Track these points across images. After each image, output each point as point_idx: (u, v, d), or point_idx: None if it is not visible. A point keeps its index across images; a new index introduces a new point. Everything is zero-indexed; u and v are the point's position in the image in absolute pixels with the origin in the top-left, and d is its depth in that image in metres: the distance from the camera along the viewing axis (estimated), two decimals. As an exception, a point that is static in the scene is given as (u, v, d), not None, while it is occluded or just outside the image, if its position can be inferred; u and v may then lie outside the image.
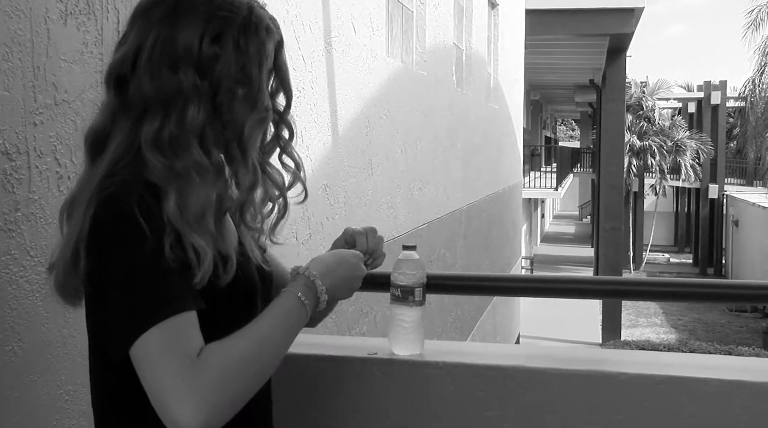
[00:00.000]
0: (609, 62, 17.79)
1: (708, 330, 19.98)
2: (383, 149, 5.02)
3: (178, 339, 1.02)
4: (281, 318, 1.14)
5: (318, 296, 1.20)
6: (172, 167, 1.10)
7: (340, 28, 4.07)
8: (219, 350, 1.04)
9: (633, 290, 2.11)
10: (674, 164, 28.26)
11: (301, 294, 1.17)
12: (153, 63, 1.12)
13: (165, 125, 1.11)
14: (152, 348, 1.01)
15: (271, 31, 1.20)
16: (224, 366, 1.03)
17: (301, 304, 1.17)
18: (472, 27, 9.12)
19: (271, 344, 1.11)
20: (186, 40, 1.12)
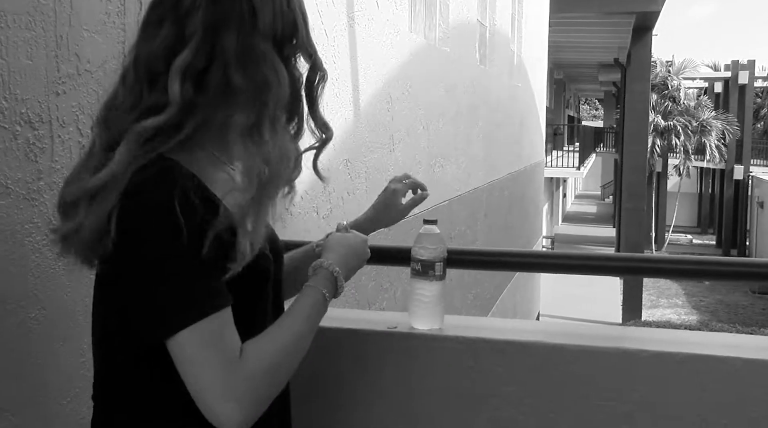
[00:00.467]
0: (634, 41, 17.56)
1: (730, 312, 19.84)
2: (405, 125, 4.99)
3: (218, 337, 1.04)
4: (309, 315, 1.17)
5: (337, 288, 1.24)
6: (266, 157, 1.08)
7: (362, 2, 4.04)
8: (256, 349, 1.08)
9: (654, 267, 2.09)
10: (699, 145, 27.92)
11: (325, 291, 1.21)
12: (246, 46, 1.08)
13: (264, 112, 1.09)
14: (193, 347, 1.03)
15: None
16: (263, 365, 1.07)
17: (325, 299, 1.20)
18: (496, 4, 9.02)
19: (301, 340, 1.15)
20: (269, 13, 1.10)
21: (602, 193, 43.50)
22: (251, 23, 1.09)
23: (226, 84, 1.08)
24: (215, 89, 1.09)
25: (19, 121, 1.52)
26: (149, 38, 1.11)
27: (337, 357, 1.71)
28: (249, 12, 1.09)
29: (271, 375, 1.08)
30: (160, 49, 1.09)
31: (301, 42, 1.15)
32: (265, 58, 1.09)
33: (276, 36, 1.11)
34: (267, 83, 1.08)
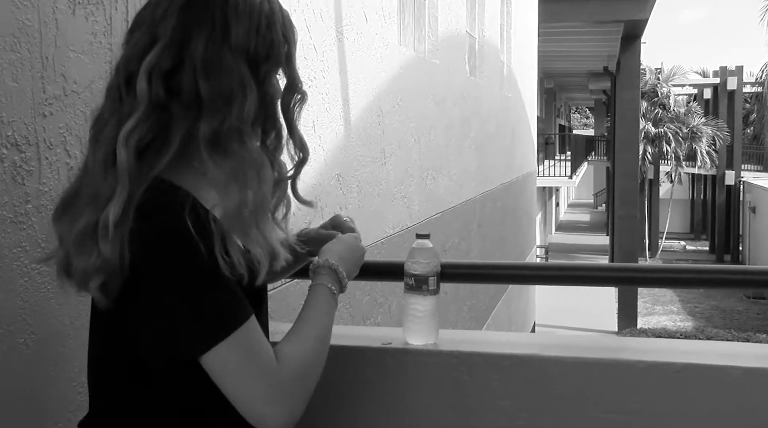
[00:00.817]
0: (623, 49, 17.64)
1: (725, 318, 19.85)
2: (396, 138, 4.99)
3: (253, 344, 1.09)
4: (324, 311, 1.24)
5: (341, 282, 1.29)
6: (232, 166, 1.11)
7: (351, 16, 4.04)
8: (290, 350, 1.14)
9: (649, 277, 2.08)
10: (690, 151, 28.02)
11: (331, 286, 1.27)
12: (212, 55, 1.11)
13: (226, 120, 1.10)
14: (232, 358, 1.07)
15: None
16: (299, 364, 1.14)
17: (333, 294, 1.27)
18: (484, 15, 9.06)
19: (326, 335, 1.22)
20: (243, 31, 1.13)
21: (595, 201, 43.58)
22: (222, 35, 1.12)
23: (196, 91, 1.11)
24: (187, 95, 1.11)
25: (5, 143, 1.50)
26: (128, 44, 1.16)
27: (331, 373, 1.69)
28: (221, 24, 1.12)
29: (308, 372, 1.15)
30: (134, 52, 1.13)
31: (275, 62, 1.18)
32: (231, 71, 1.11)
33: (249, 52, 1.14)
34: (230, 94, 1.11)
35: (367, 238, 4.32)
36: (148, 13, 1.15)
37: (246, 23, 1.13)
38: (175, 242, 1.06)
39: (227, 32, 1.12)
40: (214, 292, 1.07)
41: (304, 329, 1.20)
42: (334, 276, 1.28)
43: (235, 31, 1.12)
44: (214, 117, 1.10)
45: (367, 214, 4.30)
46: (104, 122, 1.14)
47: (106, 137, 1.12)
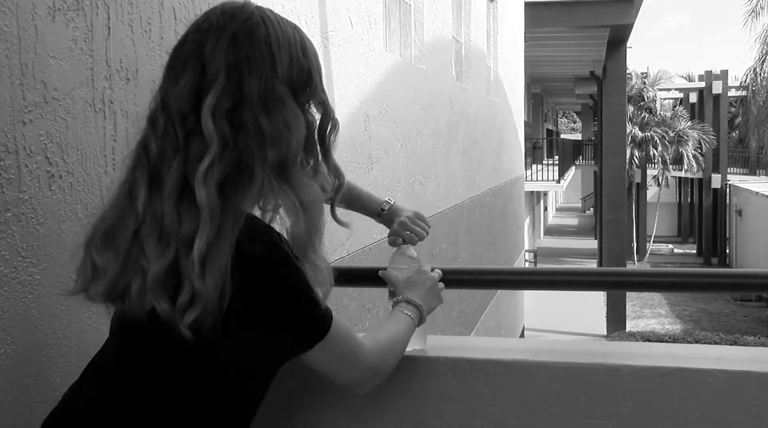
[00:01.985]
0: (609, 54, 17.72)
1: (713, 320, 19.94)
2: (383, 144, 4.98)
3: (347, 333, 1.30)
4: (401, 326, 1.47)
5: (421, 313, 1.53)
6: (298, 194, 1.19)
7: (336, 21, 4.03)
8: (375, 338, 1.39)
9: (637, 281, 2.08)
10: (676, 155, 28.18)
11: (408, 312, 1.50)
12: (268, 89, 1.16)
13: (289, 151, 1.18)
14: (341, 340, 1.28)
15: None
16: (382, 348, 1.39)
17: (410, 319, 1.49)
18: (471, 20, 9.08)
19: (401, 340, 1.45)
20: (287, 61, 1.18)
21: (583, 205, 43.73)
22: (271, 67, 1.16)
23: (258, 125, 1.16)
24: (251, 129, 1.16)
25: (-14, 151, 1.48)
26: (173, 81, 1.18)
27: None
28: (269, 57, 1.17)
29: (388, 353, 1.40)
30: (185, 91, 1.17)
31: (314, 90, 1.24)
32: (284, 102, 1.17)
33: (292, 82, 1.19)
34: (288, 125, 1.17)
35: (354, 244, 4.31)
36: (191, 50, 1.18)
37: (287, 55, 1.18)
38: (284, 262, 1.17)
39: (275, 65, 1.17)
40: (316, 298, 1.23)
41: (385, 329, 1.45)
42: (414, 310, 1.51)
43: (280, 62, 1.17)
44: (278, 148, 1.16)
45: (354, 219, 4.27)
46: (161, 158, 1.17)
47: (173, 175, 1.15)
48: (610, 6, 15.18)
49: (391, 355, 1.41)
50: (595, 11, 15.20)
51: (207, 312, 1.11)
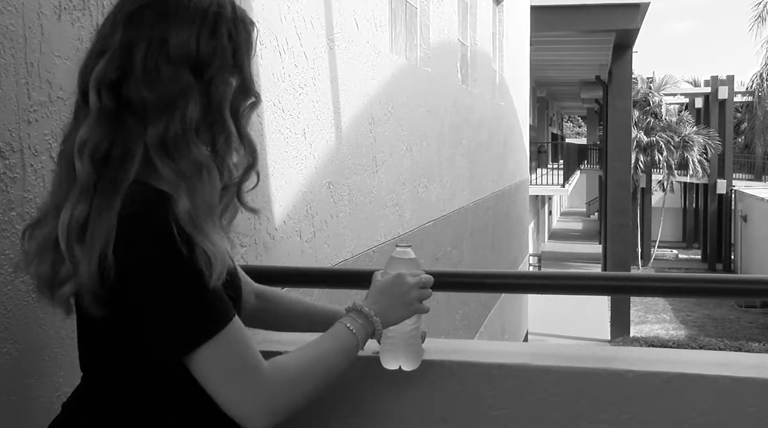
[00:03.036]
0: (615, 58, 17.71)
1: (717, 326, 19.88)
2: (388, 146, 4.98)
3: (237, 347, 1.12)
4: (335, 345, 1.27)
5: (373, 325, 1.33)
6: (180, 170, 1.12)
7: (342, 24, 4.03)
8: (285, 362, 1.18)
9: (641, 286, 2.07)
10: (682, 160, 28.12)
11: (349, 325, 1.29)
12: (151, 66, 1.13)
13: (170, 127, 1.13)
14: (215, 360, 1.11)
15: (253, 24, 1.27)
16: (289, 377, 1.16)
17: (350, 332, 1.29)
18: (476, 23, 9.07)
19: (325, 364, 1.24)
20: (183, 39, 1.14)
21: (587, 209, 43.66)
22: (159, 45, 1.14)
23: (140, 99, 1.14)
24: (135, 105, 1.14)
25: (-10, 150, 1.48)
26: (85, 57, 1.21)
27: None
28: (159, 34, 1.14)
29: (297, 386, 1.17)
30: (86, 64, 1.18)
31: (220, 67, 1.18)
32: (171, 79, 1.13)
33: (191, 59, 1.15)
34: (171, 102, 1.13)
35: (358, 247, 4.31)
36: (103, 27, 1.20)
37: (186, 31, 1.15)
38: (159, 247, 1.09)
39: (165, 42, 1.14)
40: (198, 294, 1.10)
41: (307, 349, 1.24)
42: (360, 319, 1.32)
43: (174, 40, 1.14)
44: (158, 124, 1.13)
45: (359, 222, 4.28)
46: (67, 136, 1.19)
47: (66, 150, 1.18)
48: (617, 10, 15.18)
49: (301, 388, 1.18)
50: (601, 16, 15.20)
51: (84, 285, 1.11)
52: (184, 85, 1.14)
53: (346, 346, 1.28)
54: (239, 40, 1.22)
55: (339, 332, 1.29)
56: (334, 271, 3.01)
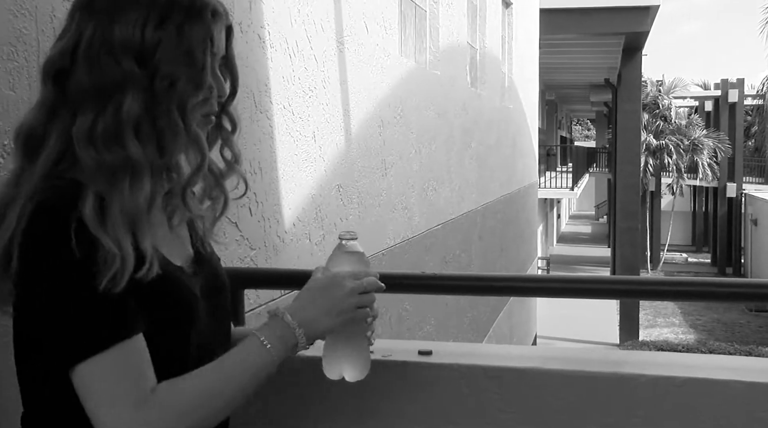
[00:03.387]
0: (624, 61, 17.68)
1: (727, 331, 19.79)
2: (397, 149, 4.98)
3: (124, 369, 1.01)
4: (242, 362, 1.12)
5: (294, 334, 1.15)
6: (103, 162, 1.03)
7: (352, 27, 4.04)
8: (173, 389, 1.04)
9: (651, 290, 2.06)
10: (691, 163, 28.04)
11: (263, 338, 1.13)
12: (91, 54, 1.06)
13: (99, 118, 1.05)
14: (94, 380, 1.00)
15: (218, 14, 1.15)
16: (178, 406, 1.03)
17: (264, 348, 1.12)
18: (485, 26, 9.07)
19: (231, 389, 1.10)
20: (126, 29, 1.07)
21: (596, 212, 43.55)
22: (103, 33, 1.07)
23: (77, 88, 1.07)
24: (71, 91, 1.07)
25: (1, 152, 1.49)
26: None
27: (328, 385, 1.67)
28: (104, 22, 1.07)
29: (188, 416, 1.04)
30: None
31: (166, 61, 1.08)
32: (110, 70, 1.05)
33: (136, 51, 1.07)
34: (105, 93, 1.05)
35: (367, 250, 4.30)
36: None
37: (132, 19, 1.07)
38: (47, 245, 1.00)
39: (110, 31, 1.07)
40: (85, 304, 1.00)
41: (210, 369, 1.09)
42: (276, 328, 1.15)
43: (119, 29, 1.07)
44: (87, 115, 1.05)
45: (368, 224, 4.28)
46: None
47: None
48: (626, 13, 15.14)
49: (196, 414, 1.05)
50: (610, 18, 15.17)
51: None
52: (121, 76, 1.05)
53: (258, 364, 1.12)
54: (192, 34, 1.10)
55: (251, 346, 1.12)
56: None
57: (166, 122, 1.08)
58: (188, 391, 1.05)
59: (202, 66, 1.11)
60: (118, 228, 1.01)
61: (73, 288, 0.99)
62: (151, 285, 1.05)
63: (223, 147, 1.24)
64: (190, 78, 1.10)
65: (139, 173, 1.05)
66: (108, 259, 0.99)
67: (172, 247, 1.17)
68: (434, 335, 5.85)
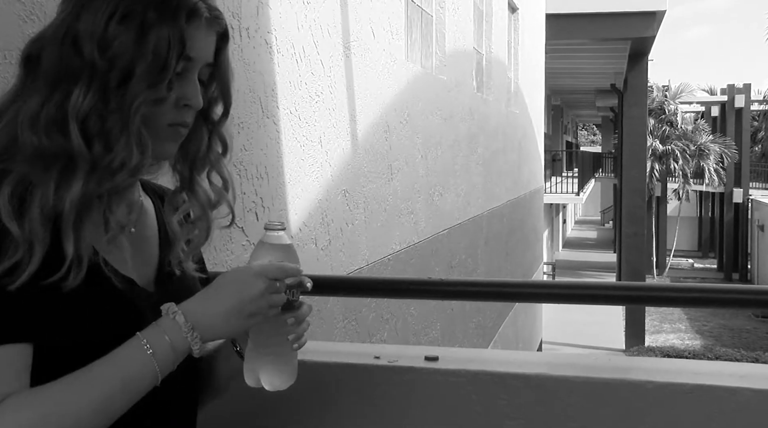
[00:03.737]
0: (630, 66, 17.67)
1: (734, 337, 19.72)
2: (403, 154, 4.98)
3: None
4: (113, 366, 0.95)
5: (185, 338, 0.98)
6: (41, 148, 0.96)
7: (358, 32, 4.04)
8: (20, 401, 0.89)
9: (657, 296, 2.06)
10: (697, 168, 28.00)
11: (145, 341, 0.96)
12: (55, 40, 1.00)
13: (46, 104, 0.98)
14: None
15: (197, 16, 1.05)
16: (18, 422, 0.88)
17: (142, 350, 0.96)
18: (492, 31, 9.08)
19: (97, 401, 0.93)
20: (91, 19, 1.00)
21: (602, 218, 43.49)
22: (70, 19, 1.01)
23: (36, 73, 1.01)
24: (32, 77, 1.01)
25: (9, 157, 1.49)
26: None
27: (337, 392, 1.67)
28: (74, 8, 1.01)
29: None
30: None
31: (120, 57, 1.00)
32: (67, 57, 0.99)
33: (93, 41, 1.00)
34: (56, 79, 0.99)
35: (373, 255, 4.30)
36: None
37: (99, 11, 1.00)
38: None
39: (76, 20, 1.00)
40: None
41: (74, 376, 0.93)
42: (169, 333, 0.98)
43: (84, 18, 1.00)
44: (35, 100, 0.99)
45: (374, 230, 4.28)
46: None
47: None
48: (632, 18, 15.14)
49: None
50: (616, 24, 15.16)
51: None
52: (78, 65, 0.99)
53: (134, 369, 0.95)
54: (160, 31, 1.01)
55: (128, 350, 0.96)
56: (350, 280, 3.01)
57: (114, 120, 0.99)
58: (36, 405, 0.90)
59: (164, 65, 1.01)
60: (34, 221, 0.92)
61: None
62: (78, 293, 0.95)
63: (211, 171, 1.14)
64: (145, 74, 1.00)
65: (74, 168, 0.97)
66: (10, 250, 0.90)
67: (129, 256, 1.08)
68: (440, 340, 5.84)
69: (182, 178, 1.14)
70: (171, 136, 1.06)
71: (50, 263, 0.93)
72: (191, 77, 1.06)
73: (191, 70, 1.06)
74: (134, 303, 1.03)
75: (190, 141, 1.12)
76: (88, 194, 0.98)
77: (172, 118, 1.05)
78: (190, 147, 1.12)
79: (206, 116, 1.13)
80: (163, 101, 1.02)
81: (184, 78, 1.05)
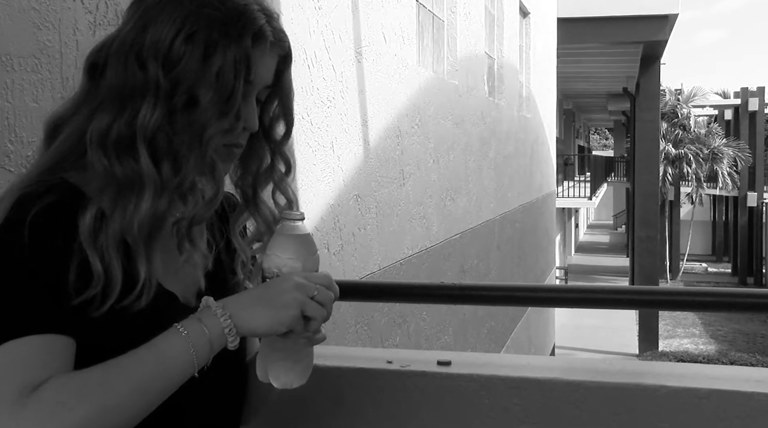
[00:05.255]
0: (642, 70, 17.61)
1: (749, 341, 19.58)
2: (415, 159, 4.98)
3: (8, 368, 0.88)
4: (151, 350, 0.95)
5: (221, 325, 0.98)
6: (113, 173, 0.97)
7: (370, 37, 4.05)
8: (59, 381, 0.89)
9: (670, 300, 2.05)
10: (711, 172, 27.85)
11: (181, 327, 0.96)
12: (121, 53, 0.99)
13: (115, 122, 0.98)
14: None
15: (263, 39, 1.04)
16: (57, 399, 0.88)
17: (177, 334, 0.96)
18: (503, 36, 9.07)
19: (132, 380, 0.92)
20: (156, 34, 0.99)
21: (615, 222, 43.32)
22: (136, 33, 1.00)
23: (103, 87, 1.01)
24: (99, 91, 1.01)
25: (24, 163, 1.50)
26: None
27: (349, 396, 1.67)
28: (141, 21, 1.01)
29: (70, 408, 0.88)
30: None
31: (185, 75, 0.99)
32: (134, 72, 0.99)
33: (159, 58, 0.99)
34: (125, 96, 0.99)
35: (385, 259, 4.30)
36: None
37: (165, 26, 0.99)
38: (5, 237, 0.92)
39: (143, 33, 1.00)
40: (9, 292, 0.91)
41: (115, 360, 0.93)
42: (205, 319, 0.98)
43: (151, 32, 0.99)
44: (104, 117, 0.99)
45: (386, 234, 4.28)
46: None
47: None
48: (644, 22, 15.09)
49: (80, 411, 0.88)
50: (628, 27, 15.12)
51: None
52: (142, 81, 0.98)
53: (171, 353, 0.95)
54: (226, 53, 1.00)
55: (166, 334, 0.96)
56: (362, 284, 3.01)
57: (181, 140, 0.99)
58: (73, 385, 0.90)
59: (231, 92, 1.00)
60: (110, 248, 0.94)
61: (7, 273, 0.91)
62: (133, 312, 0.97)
63: (275, 190, 1.14)
64: (214, 102, 1.00)
65: (142, 188, 0.97)
66: (94, 279, 0.93)
67: (178, 272, 1.07)
68: (452, 345, 5.83)
69: (245, 197, 1.15)
70: (225, 156, 1.06)
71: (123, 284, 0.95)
72: (250, 100, 1.05)
73: (251, 94, 1.05)
74: (174, 320, 0.99)
75: (251, 160, 1.13)
76: (158, 215, 0.98)
77: (228, 139, 1.04)
78: (251, 165, 1.13)
79: (267, 135, 1.13)
80: (233, 131, 1.03)
81: (243, 100, 1.03)
